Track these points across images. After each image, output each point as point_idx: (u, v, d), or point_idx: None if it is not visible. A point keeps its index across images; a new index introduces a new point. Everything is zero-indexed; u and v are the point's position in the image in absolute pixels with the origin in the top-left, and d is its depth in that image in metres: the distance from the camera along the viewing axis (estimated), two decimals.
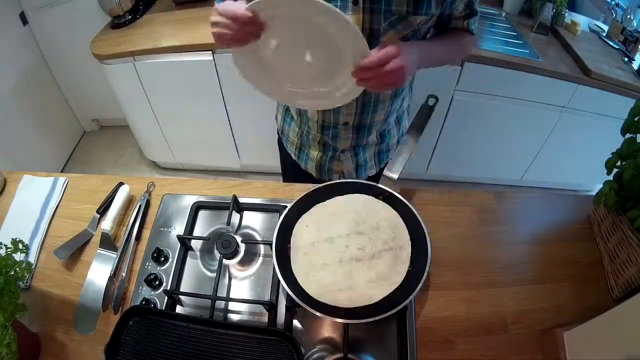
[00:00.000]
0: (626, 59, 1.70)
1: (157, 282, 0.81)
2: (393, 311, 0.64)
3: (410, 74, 0.73)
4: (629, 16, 1.75)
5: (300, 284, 0.72)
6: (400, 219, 0.79)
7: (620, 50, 1.74)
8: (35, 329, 0.77)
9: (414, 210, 0.77)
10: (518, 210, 0.96)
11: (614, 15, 1.84)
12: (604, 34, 1.83)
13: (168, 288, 0.80)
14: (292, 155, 1.10)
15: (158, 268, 0.84)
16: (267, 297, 0.78)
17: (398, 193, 0.80)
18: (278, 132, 1.16)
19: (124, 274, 0.83)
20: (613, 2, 1.87)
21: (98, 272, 0.84)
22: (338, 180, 0.84)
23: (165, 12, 1.90)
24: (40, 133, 2.26)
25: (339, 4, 0.71)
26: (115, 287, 0.81)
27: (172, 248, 0.86)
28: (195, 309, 0.79)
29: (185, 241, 0.86)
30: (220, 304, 0.79)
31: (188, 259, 0.86)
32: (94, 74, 2.01)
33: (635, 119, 0.74)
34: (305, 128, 1.00)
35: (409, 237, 0.77)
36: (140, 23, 1.85)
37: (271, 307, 0.75)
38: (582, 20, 1.83)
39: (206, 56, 1.70)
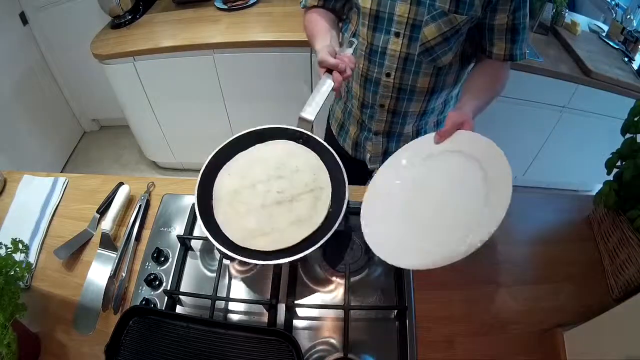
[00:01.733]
0: (626, 59, 1.70)
1: (157, 282, 0.81)
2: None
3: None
4: (629, 16, 1.76)
5: (224, 232, 0.72)
6: (320, 160, 0.79)
7: (620, 50, 1.74)
8: (35, 329, 0.77)
9: (331, 150, 0.76)
10: (518, 210, 0.96)
11: (614, 15, 1.84)
12: (604, 34, 1.83)
13: (168, 288, 0.80)
14: (333, 131, 1.16)
15: (158, 268, 0.84)
16: (267, 297, 0.78)
17: (315, 134, 0.80)
18: (329, 109, 1.22)
19: (124, 274, 0.83)
20: (613, 2, 1.87)
21: (98, 272, 0.84)
22: (257, 128, 0.84)
23: (165, 12, 1.91)
24: (40, 133, 2.25)
25: (382, 36, 0.80)
26: (115, 287, 0.81)
27: (172, 248, 0.86)
28: (195, 309, 0.79)
29: (185, 241, 0.86)
30: (220, 304, 0.79)
31: (188, 259, 0.86)
32: (94, 74, 2.01)
33: (635, 119, 0.74)
34: (349, 105, 1.06)
35: (329, 178, 0.76)
36: (140, 23, 1.85)
37: (271, 307, 0.75)
38: (582, 20, 1.83)
39: (206, 56, 1.70)
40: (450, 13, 0.77)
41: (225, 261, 0.83)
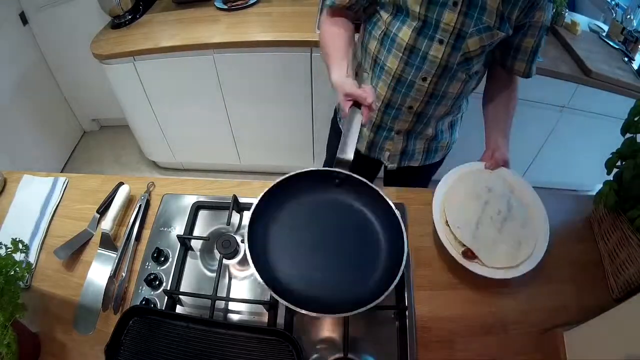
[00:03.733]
0: (626, 59, 1.70)
1: (157, 282, 0.81)
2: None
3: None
4: (629, 16, 1.75)
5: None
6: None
7: (620, 50, 1.74)
8: (35, 329, 0.77)
9: (375, 187, 0.74)
10: None
11: (614, 15, 1.84)
12: (604, 34, 1.83)
13: (168, 288, 0.80)
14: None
15: (158, 268, 0.84)
16: (267, 297, 0.77)
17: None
18: (335, 110, 1.21)
19: (124, 274, 0.83)
20: (613, 2, 1.86)
21: (98, 272, 0.84)
22: (296, 172, 0.77)
23: (165, 12, 1.90)
24: (40, 133, 2.25)
25: (425, 41, 0.82)
26: (115, 287, 0.81)
27: (172, 248, 0.86)
28: (195, 309, 0.79)
29: (185, 241, 0.86)
30: (220, 304, 0.79)
31: (188, 259, 0.86)
32: (94, 74, 2.01)
33: (635, 118, 0.74)
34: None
35: None
36: (140, 23, 1.85)
37: (271, 307, 0.75)
38: (582, 20, 1.83)
39: (206, 56, 1.70)
40: (494, 29, 0.80)
41: (225, 261, 0.83)
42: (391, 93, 0.94)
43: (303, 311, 0.60)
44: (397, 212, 0.70)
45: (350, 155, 0.74)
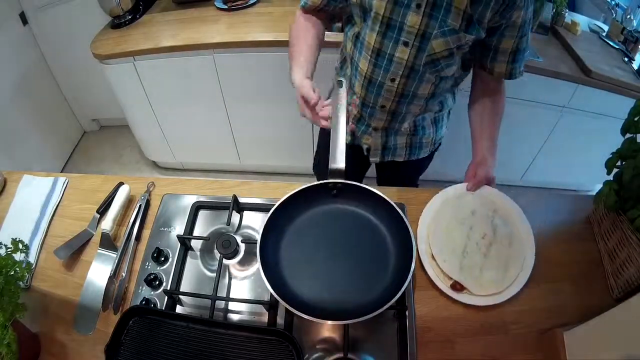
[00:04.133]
0: (626, 59, 1.70)
1: (157, 282, 0.81)
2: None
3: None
4: (629, 16, 1.75)
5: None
6: None
7: (620, 50, 1.74)
8: (35, 329, 0.77)
9: (379, 193, 0.75)
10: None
11: (614, 15, 1.84)
12: (604, 34, 1.83)
13: (168, 288, 0.80)
14: None
15: (158, 268, 0.84)
16: (267, 297, 0.77)
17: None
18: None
19: (124, 274, 0.83)
20: (613, 2, 1.86)
21: (98, 272, 0.84)
22: (295, 191, 0.76)
23: (165, 12, 1.90)
24: (40, 133, 2.25)
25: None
26: (115, 287, 0.81)
27: (172, 248, 0.86)
28: (195, 309, 0.79)
29: (185, 241, 0.86)
30: (220, 304, 0.79)
31: (188, 259, 0.86)
32: (94, 74, 2.01)
33: (635, 119, 0.74)
34: (349, 100, 1.06)
35: None
36: (140, 23, 1.85)
37: (271, 307, 0.75)
38: (582, 20, 1.83)
39: (206, 56, 1.70)
40: (460, 32, 0.79)
41: (225, 261, 0.83)
42: (365, 92, 0.96)
43: (321, 321, 0.62)
44: (401, 212, 0.71)
45: (341, 163, 0.75)
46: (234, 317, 0.78)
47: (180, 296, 0.79)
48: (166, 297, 0.78)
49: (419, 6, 0.78)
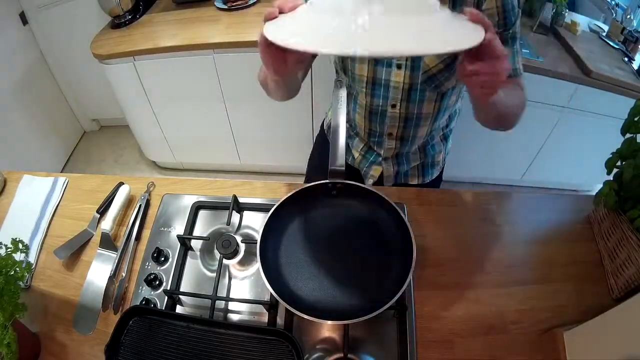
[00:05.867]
0: (626, 59, 1.70)
1: (157, 282, 0.81)
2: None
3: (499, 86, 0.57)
4: (629, 16, 1.75)
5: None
6: None
7: (620, 50, 1.74)
8: (35, 329, 0.77)
9: (379, 193, 0.73)
10: (518, 210, 0.96)
11: (614, 15, 1.84)
12: (604, 34, 1.83)
13: (168, 288, 0.80)
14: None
15: (158, 268, 0.84)
16: (267, 297, 0.78)
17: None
18: (324, 128, 1.18)
19: (124, 274, 0.83)
20: (613, 2, 1.87)
21: (98, 272, 0.84)
22: (292, 192, 0.75)
23: (165, 12, 1.91)
24: (40, 133, 2.26)
25: (384, 69, 0.82)
26: (115, 287, 0.81)
27: (172, 248, 0.86)
28: (195, 309, 0.79)
29: (185, 241, 0.86)
30: (220, 304, 0.79)
31: (188, 259, 0.86)
32: (94, 74, 2.01)
33: (635, 119, 0.74)
34: (352, 132, 1.06)
35: None
36: (140, 23, 1.85)
37: (271, 307, 0.75)
38: (582, 20, 1.83)
39: (206, 56, 1.70)
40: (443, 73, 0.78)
41: (225, 261, 0.83)
42: (369, 123, 0.95)
43: (321, 321, 0.62)
44: (401, 212, 0.71)
45: (341, 163, 0.74)
46: (234, 317, 0.78)
47: (180, 296, 0.79)
48: (166, 297, 0.78)
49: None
